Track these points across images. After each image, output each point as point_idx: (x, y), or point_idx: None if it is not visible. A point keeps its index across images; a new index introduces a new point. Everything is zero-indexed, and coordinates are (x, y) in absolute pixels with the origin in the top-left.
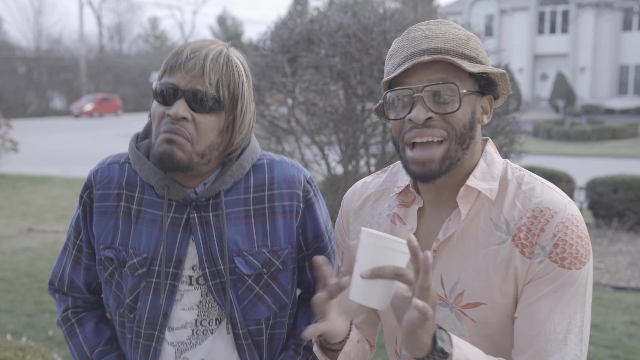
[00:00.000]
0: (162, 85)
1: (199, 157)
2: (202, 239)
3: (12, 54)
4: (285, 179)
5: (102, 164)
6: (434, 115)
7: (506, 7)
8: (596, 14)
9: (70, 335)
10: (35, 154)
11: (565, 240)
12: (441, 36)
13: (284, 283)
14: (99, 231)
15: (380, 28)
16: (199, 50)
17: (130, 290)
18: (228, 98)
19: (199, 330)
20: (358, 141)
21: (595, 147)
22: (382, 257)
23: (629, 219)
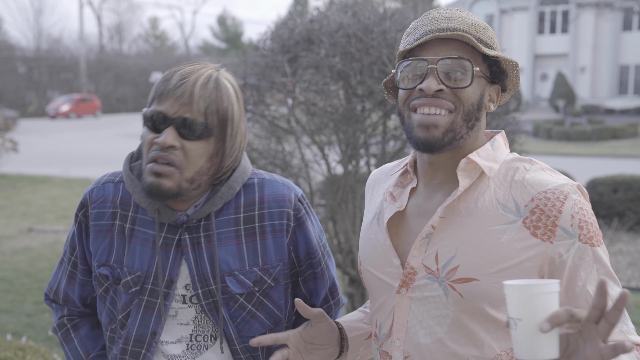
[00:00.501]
0: (151, 112)
1: (188, 183)
2: (194, 259)
3: (12, 54)
4: (276, 198)
5: (98, 183)
6: (444, 88)
7: (506, 7)
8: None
9: (66, 340)
10: (35, 154)
11: (586, 220)
12: (461, 19)
13: (276, 299)
14: (95, 249)
15: (380, 28)
16: (188, 76)
17: (123, 307)
18: (217, 124)
19: (193, 345)
20: (358, 141)
21: (595, 147)
22: (542, 305)
23: (629, 219)
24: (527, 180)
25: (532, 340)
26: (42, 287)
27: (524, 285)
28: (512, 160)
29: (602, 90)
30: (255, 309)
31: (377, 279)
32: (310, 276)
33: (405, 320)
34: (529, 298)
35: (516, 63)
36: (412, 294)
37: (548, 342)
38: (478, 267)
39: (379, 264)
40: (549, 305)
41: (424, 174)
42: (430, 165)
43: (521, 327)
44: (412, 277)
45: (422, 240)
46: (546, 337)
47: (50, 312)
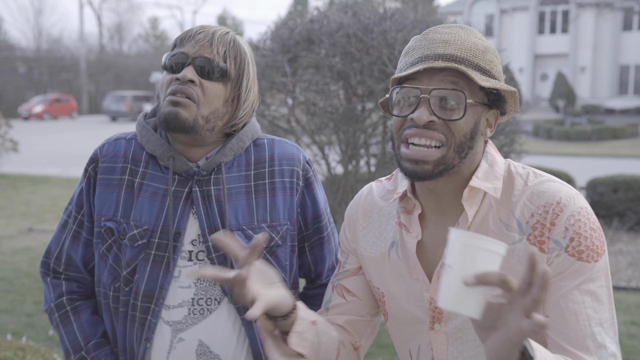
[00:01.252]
0: (173, 56)
1: (203, 121)
2: (204, 212)
3: (12, 54)
4: (286, 156)
5: (109, 140)
6: (436, 120)
7: (506, 7)
8: (596, 14)
9: (64, 323)
10: (35, 154)
11: (580, 233)
12: (459, 43)
13: (282, 259)
14: (101, 203)
15: (380, 28)
16: (207, 27)
17: (128, 262)
18: (234, 70)
19: (195, 310)
20: (358, 141)
21: (595, 147)
22: (480, 261)
23: (629, 219)
24: (526, 194)
25: (457, 292)
26: (42, 287)
27: (471, 233)
28: (509, 173)
29: (602, 90)
30: None
31: (407, 313)
32: (317, 242)
33: (446, 355)
34: (467, 248)
35: (515, 91)
36: (446, 328)
37: (472, 299)
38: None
39: (409, 297)
40: (485, 263)
41: (427, 200)
42: (430, 191)
43: (450, 275)
44: (440, 311)
45: (438, 272)
46: (472, 293)
47: None
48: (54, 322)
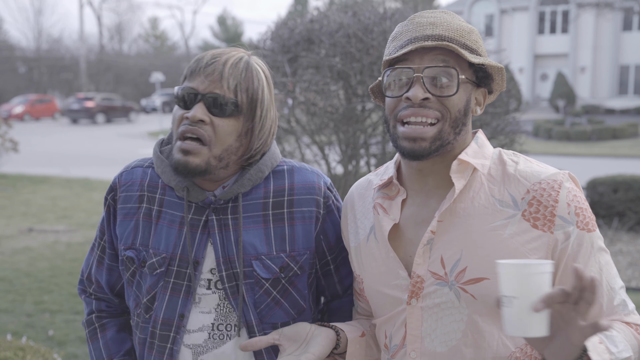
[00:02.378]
0: (183, 90)
1: (216, 161)
2: (220, 241)
3: (12, 54)
4: (305, 185)
5: (127, 168)
6: (431, 97)
7: (506, 7)
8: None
9: (92, 339)
10: (35, 154)
11: (581, 207)
12: (445, 25)
13: (301, 288)
14: (121, 232)
15: (380, 28)
16: (219, 56)
17: (148, 289)
18: (246, 102)
19: (215, 335)
20: (358, 141)
21: (595, 147)
22: (539, 285)
23: (629, 219)
24: (520, 172)
25: (524, 318)
26: (42, 287)
27: (521, 264)
28: (500, 155)
29: (602, 90)
30: (280, 296)
31: (383, 295)
32: (342, 261)
33: (419, 331)
34: (525, 277)
35: (502, 67)
36: (423, 303)
37: (539, 320)
38: (486, 265)
39: (384, 279)
40: (543, 284)
41: (413, 182)
42: (419, 172)
43: (516, 305)
44: (420, 286)
45: (424, 247)
46: (538, 315)
47: (51, 312)
48: (86, 338)
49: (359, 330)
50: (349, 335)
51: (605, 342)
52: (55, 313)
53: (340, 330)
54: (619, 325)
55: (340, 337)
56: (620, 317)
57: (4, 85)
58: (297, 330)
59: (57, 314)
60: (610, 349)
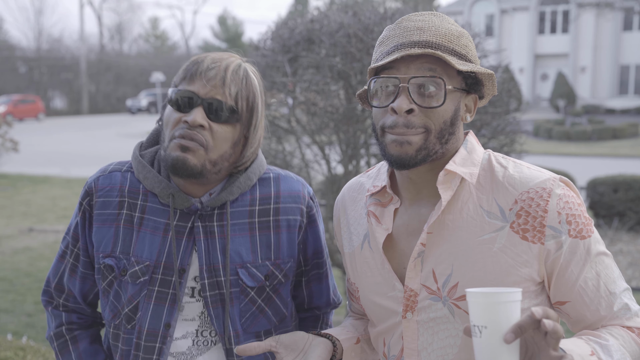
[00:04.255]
0: (181, 93)
1: (211, 165)
2: (205, 248)
3: (12, 54)
4: (291, 194)
5: (104, 172)
6: (415, 108)
7: (507, 7)
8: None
9: (62, 353)
10: (35, 154)
11: (574, 213)
12: (434, 29)
13: (284, 296)
14: (99, 239)
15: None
16: (219, 62)
17: (130, 299)
18: (246, 111)
19: (199, 341)
20: (359, 141)
21: (595, 147)
22: (509, 314)
23: (630, 219)
24: (508, 179)
25: (494, 348)
26: (42, 286)
27: (490, 292)
28: (489, 160)
29: (603, 90)
30: (265, 304)
31: (379, 306)
32: (315, 277)
33: (416, 344)
34: (494, 305)
35: (492, 73)
36: (419, 317)
37: (510, 351)
38: (477, 281)
39: (380, 289)
40: (512, 314)
41: (406, 191)
42: (411, 181)
43: (485, 335)
44: (414, 300)
45: (415, 260)
46: (509, 345)
47: None
48: (55, 352)
49: (354, 337)
50: (344, 345)
51: (599, 353)
52: None
53: (337, 340)
54: (618, 331)
55: (336, 347)
56: (621, 322)
57: (4, 85)
58: (295, 339)
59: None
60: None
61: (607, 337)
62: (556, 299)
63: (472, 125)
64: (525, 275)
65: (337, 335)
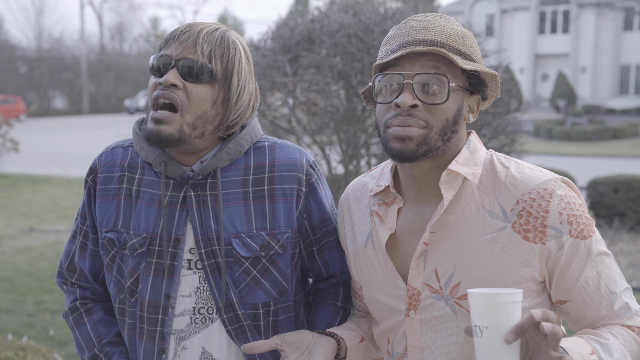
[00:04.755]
0: (157, 58)
1: (190, 129)
2: (199, 218)
3: (13, 54)
4: (287, 162)
5: (108, 148)
6: (419, 104)
7: (507, 7)
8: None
9: (78, 325)
10: (35, 154)
11: (575, 214)
12: (439, 29)
13: (283, 268)
14: (102, 214)
15: (381, 28)
16: (194, 25)
17: (131, 272)
18: (221, 69)
19: (197, 318)
20: (359, 141)
21: (596, 147)
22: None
23: (630, 219)
24: (510, 180)
25: (495, 349)
26: (42, 286)
27: (491, 293)
28: (491, 160)
29: (603, 90)
30: (261, 275)
31: (382, 304)
32: (326, 245)
33: (419, 342)
34: (495, 306)
35: (495, 74)
36: (422, 315)
37: (511, 351)
38: (479, 280)
39: (383, 288)
40: (513, 315)
41: (409, 190)
42: (414, 179)
43: (486, 335)
44: (417, 298)
45: (418, 259)
46: (509, 346)
47: (51, 312)
48: (70, 327)
49: (358, 335)
50: (348, 343)
51: (599, 351)
52: (56, 313)
53: (341, 339)
54: (618, 330)
55: (341, 345)
56: (622, 321)
57: (4, 85)
58: (299, 337)
59: (58, 314)
60: (603, 358)
61: (607, 336)
62: (557, 298)
63: (473, 125)
64: (527, 275)
65: (342, 334)
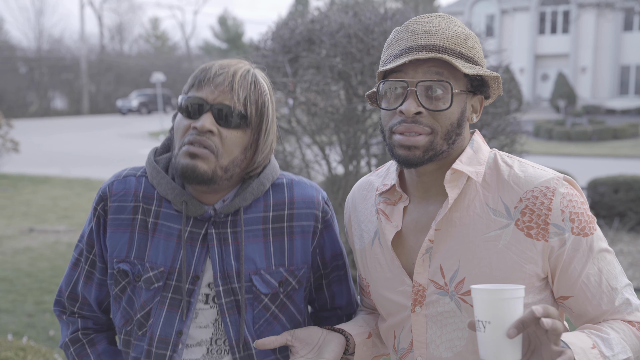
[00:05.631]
0: (190, 99)
1: (222, 171)
2: (219, 255)
3: (13, 54)
4: (305, 200)
5: (118, 177)
6: (423, 111)
7: (507, 7)
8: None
9: (81, 356)
10: (36, 154)
11: (577, 211)
12: (441, 33)
13: (298, 302)
14: (113, 244)
15: (381, 28)
16: (227, 67)
17: (143, 305)
18: (255, 115)
19: (213, 349)
20: (359, 141)
21: (596, 147)
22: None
23: (630, 219)
24: (513, 178)
25: (498, 343)
26: (42, 287)
27: (494, 289)
28: (495, 159)
29: (603, 90)
30: (279, 310)
31: (389, 300)
32: (335, 278)
33: (424, 337)
34: (498, 302)
35: (497, 76)
36: (427, 311)
37: (513, 345)
38: (483, 277)
39: (390, 284)
40: (515, 310)
41: (415, 189)
42: (419, 180)
43: (489, 330)
44: (422, 294)
45: (423, 256)
46: (511, 340)
47: (52, 312)
48: (70, 358)
49: (366, 332)
50: (356, 339)
51: (600, 345)
52: None
53: (349, 335)
54: (619, 325)
55: (349, 341)
56: (623, 316)
57: (4, 85)
58: (309, 333)
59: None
60: (604, 352)
61: (608, 330)
62: (559, 294)
63: (473, 125)
64: (530, 272)
65: (350, 330)
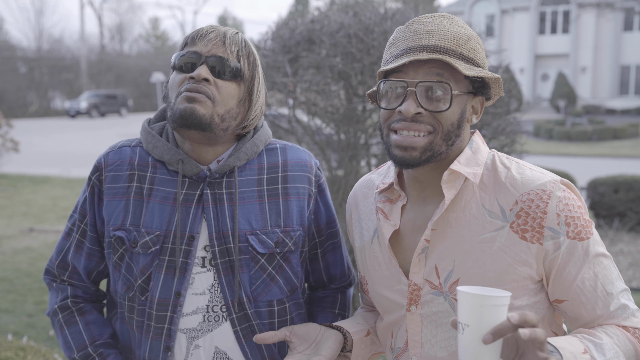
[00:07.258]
0: (184, 55)
1: (219, 119)
2: (214, 215)
3: (13, 54)
4: (298, 163)
5: (113, 147)
6: (423, 111)
7: (507, 7)
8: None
9: (68, 324)
10: (36, 154)
11: (573, 215)
12: (442, 33)
13: (294, 265)
14: (109, 212)
15: (381, 28)
16: (217, 27)
17: (142, 270)
18: (248, 70)
19: (210, 316)
20: (359, 141)
21: (596, 147)
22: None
23: (630, 219)
24: (510, 180)
25: (475, 347)
26: (43, 287)
27: (476, 294)
28: (493, 160)
29: (603, 90)
30: (275, 272)
31: (386, 298)
32: (330, 247)
33: (419, 337)
34: (479, 307)
35: (498, 77)
36: (422, 310)
37: (491, 351)
38: (477, 278)
39: (387, 283)
40: (496, 317)
41: (412, 189)
42: (416, 179)
43: (467, 333)
44: (418, 294)
45: (419, 256)
46: (489, 346)
47: None
48: (56, 325)
49: (365, 329)
50: (354, 337)
51: (592, 350)
52: None
53: (347, 333)
54: (613, 330)
55: (347, 339)
56: (618, 322)
57: (4, 85)
58: (307, 330)
59: None
60: (596, 357)
61: (601, 335)
62: (554, 297)
63: (473, 125)
64: (524, 274)
65: (348, 327)
